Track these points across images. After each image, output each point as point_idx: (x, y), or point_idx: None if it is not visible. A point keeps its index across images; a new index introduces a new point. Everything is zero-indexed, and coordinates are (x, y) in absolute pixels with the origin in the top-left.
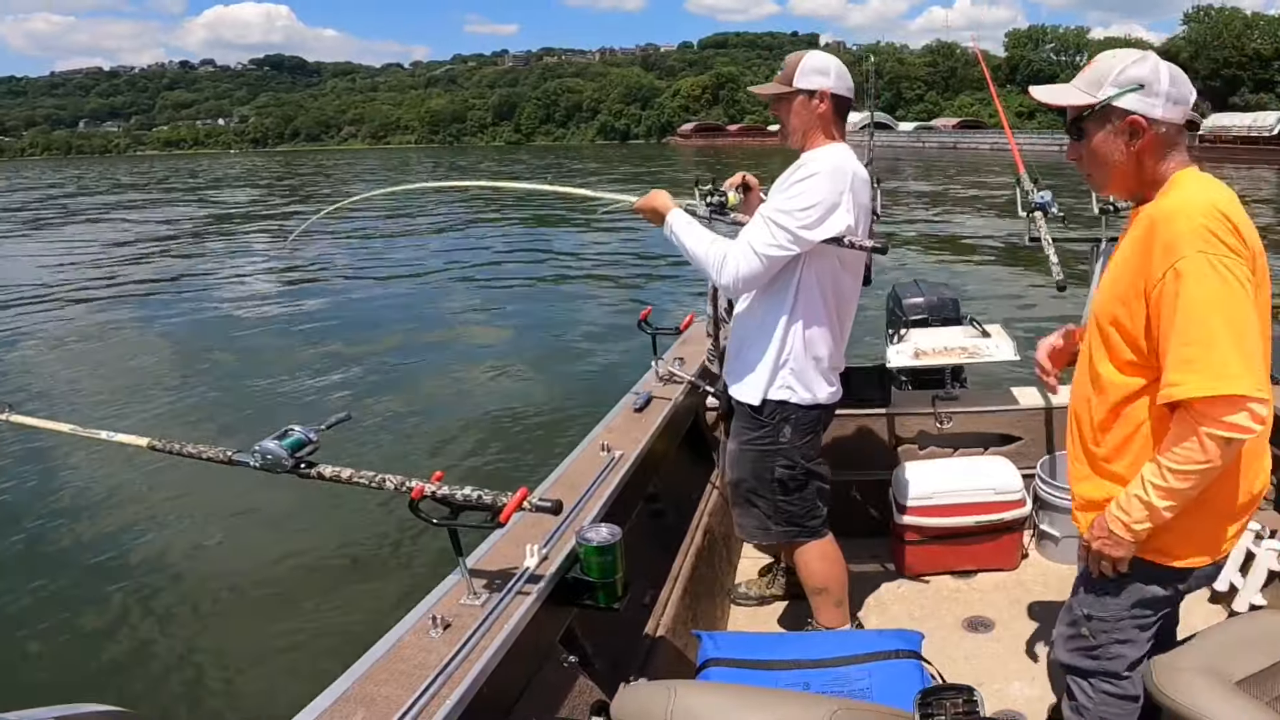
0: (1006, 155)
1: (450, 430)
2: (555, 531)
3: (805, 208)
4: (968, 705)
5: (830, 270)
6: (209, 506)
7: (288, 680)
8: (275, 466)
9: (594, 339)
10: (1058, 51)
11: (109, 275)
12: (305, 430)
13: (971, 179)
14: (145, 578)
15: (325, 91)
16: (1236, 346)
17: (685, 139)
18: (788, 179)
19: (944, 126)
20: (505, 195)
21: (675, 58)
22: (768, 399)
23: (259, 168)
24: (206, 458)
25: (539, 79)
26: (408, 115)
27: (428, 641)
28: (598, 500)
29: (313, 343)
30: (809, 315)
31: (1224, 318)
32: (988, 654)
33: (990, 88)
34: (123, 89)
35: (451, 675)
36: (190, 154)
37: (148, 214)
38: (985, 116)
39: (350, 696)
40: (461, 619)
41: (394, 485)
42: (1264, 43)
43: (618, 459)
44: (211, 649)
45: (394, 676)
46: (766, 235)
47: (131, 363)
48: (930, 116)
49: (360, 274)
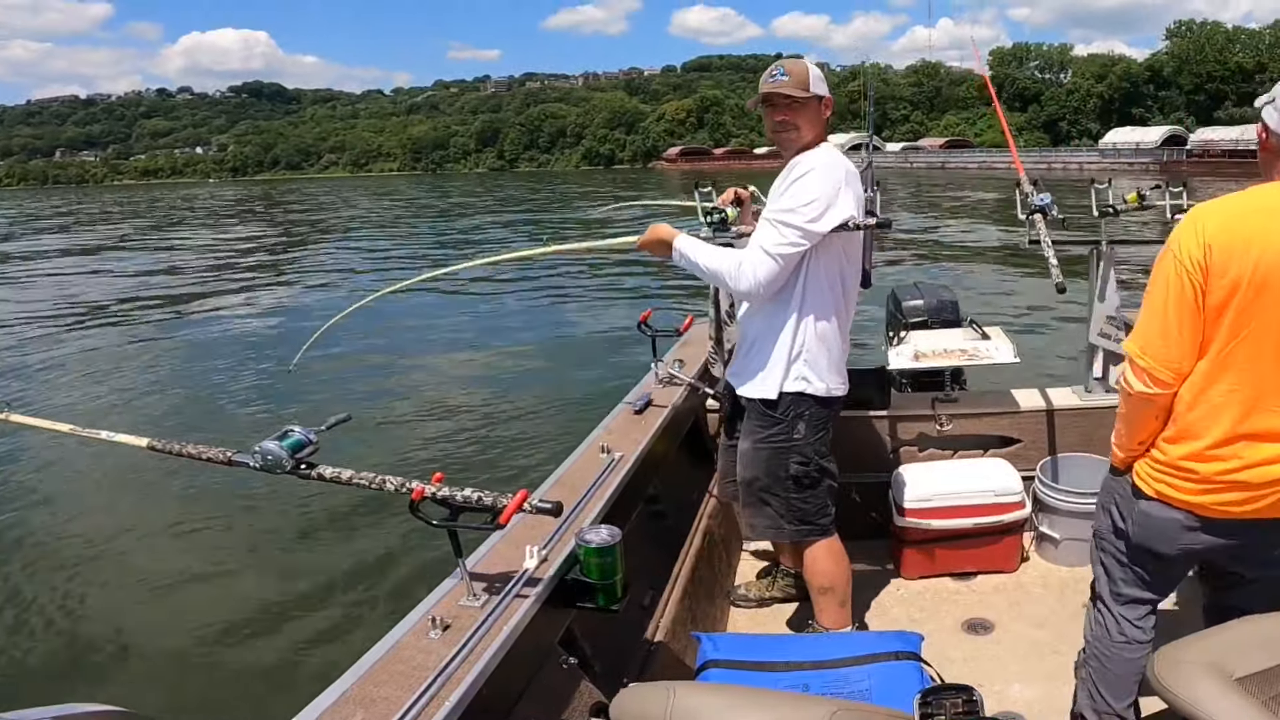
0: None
1: (450, 432)
2: (555, 533)
3: (808, 202)
4: (968, 705)
5: (836, 261)
6: (208, 508)
7: (287, 680)
8: (275, 467)
9: (594, 341)
10: (1042, 69)
11: (111, 297)
12: (305, 431)
13: (964, 194)
14: (144, 578)
15: (305, 119)
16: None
17: (671, 163)
18: (784, 180)
19: (931, 146)
20: (502, 195)
21: (659, 81)
22: (784, 392)
23: (248, 199)
24: (206, 458)
25: (522, 104)
26: (389, 142)
27: (427, 643)
28: (597, 502)
29: (312, 345)
30: (818, 308)
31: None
32: (987, 656)
33: (995, 102)
34: (99, 117)
35: (451, 676)
36: (169, 183)
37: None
38: (971, 135)
39: (349, 697)
40: (461, 620)
41: (394, 486)
42: (1246, 56)
43: (617, 461)
44: (211, 649)
45: (393, 677)
46: (776, 236)
47: (131, 367)
48: (916, 136)
49: (360, 275)
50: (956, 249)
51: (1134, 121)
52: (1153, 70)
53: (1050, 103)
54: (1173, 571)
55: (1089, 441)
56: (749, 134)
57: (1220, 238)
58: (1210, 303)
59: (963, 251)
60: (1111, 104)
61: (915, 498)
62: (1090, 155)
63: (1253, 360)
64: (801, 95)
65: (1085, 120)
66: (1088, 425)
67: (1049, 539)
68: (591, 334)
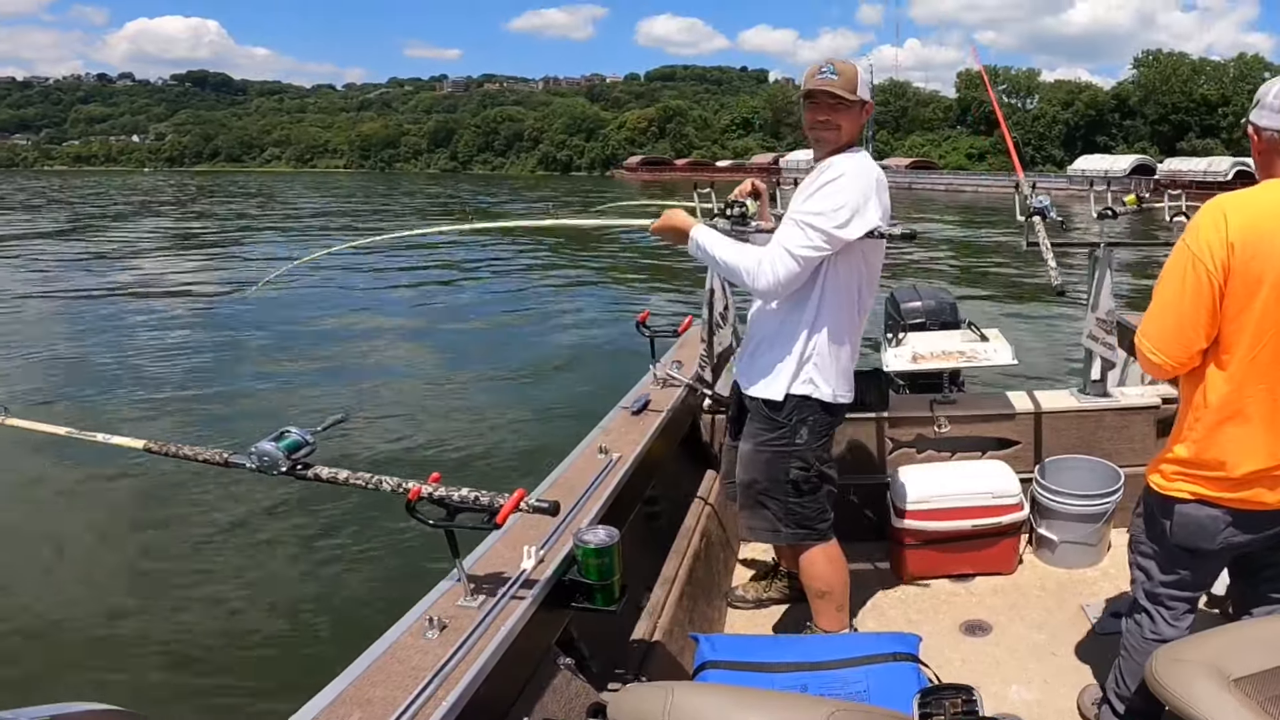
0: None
1: (447, 432)
2: (553, 533)
3: (837, 207)
4: (966, 706)
5: (856, 269)
6: (205, 509)
7: (285, 680)
8: (272, 468)
9: (592, 341)
10: (1009, 94)
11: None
12: (302, 432)
13: (934, 218)
14: (142, 579)
15: (250, 111)
16: None
17: (631, 172)
18: (814, 182)
19: (896, 166)
20: (498, 193)
21: (622, 89)
22: (790, 394)
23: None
24: (203, 460)
25: (479, 106)
26: (337, 138)
27: (424, 643)
28: (595, 502)
29: (309, 345)
30: (833, 313)
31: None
32: (985, 657)
33: (998, 113)
34: (35, 100)
35: (448, 677)
36: (102, 171)
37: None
38: (936, 158)
39: (346, 697)
40: (458, 620)
41: (391, 486)
42: (1211, 88)
43: (615, 461)
44: (209, 649)
45: (390, 678)
46: (801, 237)
47: (124, 364)
48: (881, 156)
49: (358, 274)
50: (954, 250)
51: (1099, 149)
52: (1119, 99)
53: (1016, 128)
54: (1212, 565)
55: (1087, 443)
56: (711, 146)
57: (1245, 236)
58: (1231, 303)
59: (961, 253)
60: (1077, 131)
61: (913, 499)
62: (1059, 181)
63: (1278, 361)
64: (849, 97)
65: (1050, 146)
66: (1086, 427)
67: (1047, 541)
68: (589, 334)
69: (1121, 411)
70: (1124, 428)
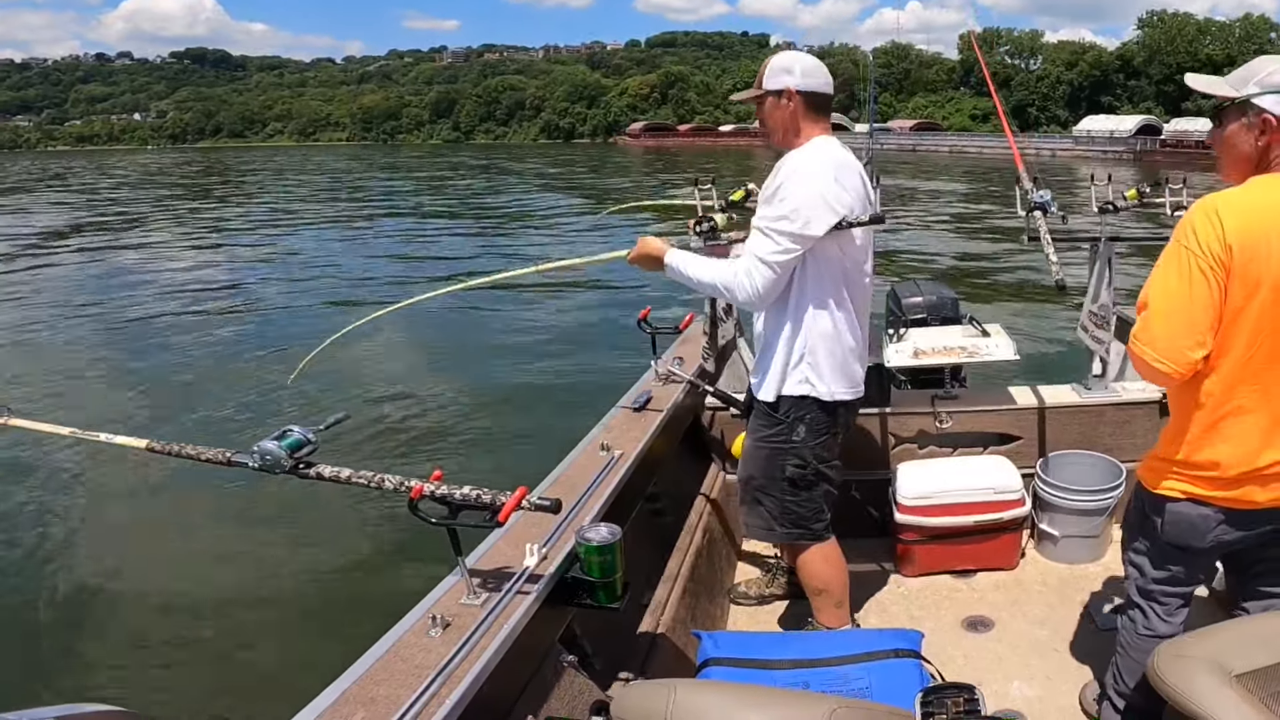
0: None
1: (449, 430)
2: (555, 531)
3: (796, 208)
4: (969, 703)
5: (835, 261)
6: (208, 508)
7: (287, 679)
8: (274, 467)
9: (593, 338)
10: (1012, 55)
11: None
12: (304, 430)
13: (940, 182)
14: (144, 578)
15: (250, 86)
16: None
17: (634, 138)
18: (771, 185)
19: (900, 128)
20: (499, 193)
21: (623, 56)
22: (783, 395)
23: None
24: (206, 459)
25: (479, 76)
26: (339, 111)
27: (427, 641)
28: (597, 499)
29: (310, 344)
30: (819, 310)
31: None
32: (987, 653)
33: (991, 90)
34: (35, 81)
35: (451, 675)
36: (104, 150)
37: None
38: (940, 119)
39: (350, 696)
40: (461, 619)
41: (393, 485)
42: (1216, 48)
43: (617, 458)
44: (211, 649)
45: (393, 676)
46: (769, 244)
47: (126, 367)
48: (885, 118)
49: (357, 275)
50: (954, 242)
51: (1103, 110)
52: (1123, 59)
53: (1019, 89)
54: (1203, 562)
55: (1089, 439)
56: (713, 111)
57: (1242, 239)
58: (1230, 305)
59: (960, 252)
60: (1081, 91)
61: (915, 495)
62: (1063, 142)
63: (1274, 362)
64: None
65: (1054, 107)
66: (1088, 422)
67: (1049, 536)
68: (591, 331)
69: (1123, 406)
70: (1126, 423)
